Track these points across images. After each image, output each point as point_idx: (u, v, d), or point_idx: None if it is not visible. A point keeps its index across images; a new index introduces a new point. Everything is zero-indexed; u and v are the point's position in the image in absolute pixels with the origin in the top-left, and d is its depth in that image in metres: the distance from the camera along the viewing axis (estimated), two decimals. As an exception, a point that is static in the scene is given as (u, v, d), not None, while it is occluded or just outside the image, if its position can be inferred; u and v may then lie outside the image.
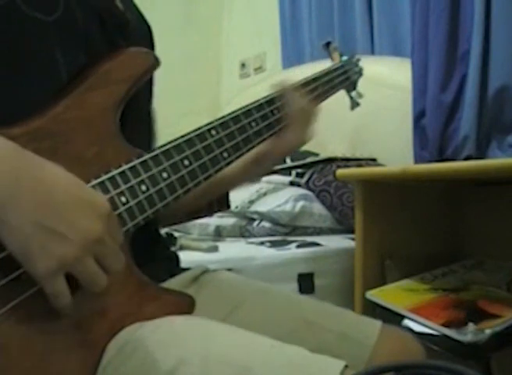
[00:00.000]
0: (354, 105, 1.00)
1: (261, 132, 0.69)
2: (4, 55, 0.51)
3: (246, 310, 0.67)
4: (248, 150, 0.67)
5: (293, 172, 1.77)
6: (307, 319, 0.66)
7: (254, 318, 0.66)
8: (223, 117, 0.65)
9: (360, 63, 1.00)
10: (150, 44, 0.76)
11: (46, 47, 0.54)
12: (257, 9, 2.70)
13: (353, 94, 0.99)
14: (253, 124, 0.68)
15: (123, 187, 0.52)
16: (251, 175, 0.77)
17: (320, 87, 0.81)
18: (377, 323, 0.68)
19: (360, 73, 0.99)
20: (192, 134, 0.61)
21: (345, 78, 0.91)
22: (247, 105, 0.68)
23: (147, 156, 0.55)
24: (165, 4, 2.57)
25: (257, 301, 0.69)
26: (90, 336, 0.50)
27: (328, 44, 0.98)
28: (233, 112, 0.66)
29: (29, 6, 0.52)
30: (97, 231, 0.44)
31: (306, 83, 0.78)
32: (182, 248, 1.29)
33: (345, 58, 0.95)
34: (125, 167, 0.53)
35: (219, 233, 1.67)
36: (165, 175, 0.56)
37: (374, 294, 1.10)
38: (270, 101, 0.71)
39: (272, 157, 0.75)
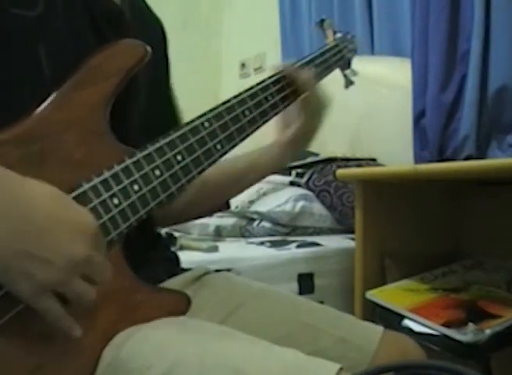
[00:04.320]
0: (348, 83, 0.96)
1: (255, 119, 0.67)
2: None
3: (245, 312, 0.67)
4: (242, 140, 0.66)
5: (293, 172, 1.77)
6: (307, 322, 0.66)
7: (252, 320, 0.66)
8: (216, 108, 0.63)
9: (356, 39, 0.97)
10: (155, 36, 0.74)
11: (28, 43, 0.52)
12: (257, 9, 2.70)
13: (348, 72, 0.95)
14: (246, 112, 0.66)
15: (115, 188, 0.51)
16: (285, 160, 0.80)
17: (314, 69, 0.79)
18: (378, 329, 0.67)
19: (354, 50, 0.95)
20: (185, 129, 0.59)
21: (340, 57, 0.89)
22: (241, 94, 0.67)
23: (139, 155, 0.54)
24: (164, 4, 2.56)
25: (256, 303, 0.69)
26: (85, 345, 0.49)
27: (322, 21, 0.94)
28: (227, 102, 0.64)
29: (10, 2, 0.51)
30: (84, 252, 0.43)
31: (301, 66, 0.77)
32: (182, 248, 1.29)
33: (339, 35, 0.92)
34: (117, 168, 0.52)
35: (219, 233, 1.67)
36: (157, 172, 0.55)
37: (374, 294, 1.10)
38: (264, 87, 0.70)
39: (307, 137, 0.79)
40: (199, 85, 2.78)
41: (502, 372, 1.02)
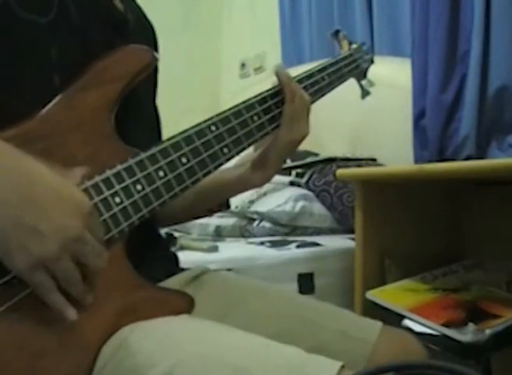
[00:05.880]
0: (364, 93, 0.97)
1: (263, 125, 0.67)
2: None
3: (245, 307, 0.67)
4: (250, 144, 0.65)
5: (293, 172, 1.77)
6: (307, 318, 0.67)
7: (253, 315, 0.66)
8: (224, 112, 0.63)
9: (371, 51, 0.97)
10: (152, 44, 0.76)
11: (40, 48, 0.54)
12: (257, 9, 2.70)
13: (364, 82, 0.96)
14: (255, 118, 0.66)
15: (117, 187, 0.52)
16: (254, 181, 0.72)
17: (327, 77, 0.79)
18: (377, 323, 0.68)
19: (371, 60, 0.96)
20: (191, 131, 0.59)
21: (354, 67, 0.89)
22: (249, 99, 0.67)
23: (143, 155, 0.55)
24: (164, 4, 2.56)
25: (256, 301, 0.69)
26: (85, 337, 0.49)
27: (336, 32, 0.96)
28: (235, 107, 0.65)
29: (23, 8, 0.52)
30: (77, 229, 0.44)
31: (311, 74, 0.76)
32: (182, 248, 1.29)
33: (354, 46, 0.93)
34: (119, 167, 0.53)
35: (219, 233, 1.67)
36: (161, 174, 0.55)
37: (374, 294, 1.10)
38: (273, 94, 0.69)
39: (271, 159, 0.69)
40: (199, 85, 2.78)
41: (502, 372, 1.03)
